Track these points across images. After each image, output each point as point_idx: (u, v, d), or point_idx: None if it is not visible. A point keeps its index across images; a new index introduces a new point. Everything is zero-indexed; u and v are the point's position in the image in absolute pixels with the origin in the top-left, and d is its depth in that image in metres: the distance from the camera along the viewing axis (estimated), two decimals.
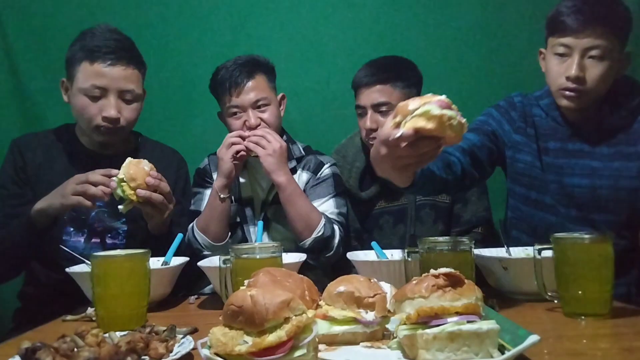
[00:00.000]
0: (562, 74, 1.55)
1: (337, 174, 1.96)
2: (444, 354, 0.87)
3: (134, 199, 1.50)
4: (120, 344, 0.93)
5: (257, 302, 0.86)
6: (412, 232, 1.94)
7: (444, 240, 1.27)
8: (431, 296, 0.90)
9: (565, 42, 1.53)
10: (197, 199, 1.95)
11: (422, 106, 1.02)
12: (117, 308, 1.19)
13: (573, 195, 1.65)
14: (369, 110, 1.86)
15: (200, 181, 2.00)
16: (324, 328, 1.01)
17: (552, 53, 1.58)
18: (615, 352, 0.98)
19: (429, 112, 1.02)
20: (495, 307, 1.26)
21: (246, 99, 1.85)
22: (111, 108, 1.66)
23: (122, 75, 1.68)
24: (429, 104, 1.02)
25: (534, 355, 0.90)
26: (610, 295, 1.17)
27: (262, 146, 1.78)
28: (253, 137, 1.79)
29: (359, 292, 1.04)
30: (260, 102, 1.86)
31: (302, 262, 1.49)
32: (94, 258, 1.21)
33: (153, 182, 1.52)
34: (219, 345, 0.87)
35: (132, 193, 1.50)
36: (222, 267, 1.24)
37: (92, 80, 1.65)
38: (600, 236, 1.20)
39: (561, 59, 1.55)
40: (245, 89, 1.85)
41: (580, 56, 1.51)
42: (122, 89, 1.68)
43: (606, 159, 1.62)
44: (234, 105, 1.86)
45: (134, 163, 1.53)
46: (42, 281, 1.74)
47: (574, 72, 1.51)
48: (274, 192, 1.88)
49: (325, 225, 1.76)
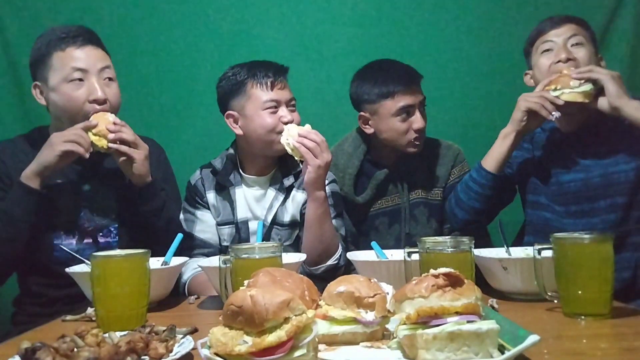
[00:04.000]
0: (554, 61, 1.70)
1: (336, 192, 1.89)
2: (443, 354, 0.87)
3: (99, 144, 1.60)
4: (120, 344, 0.93)
5: (257, 302, 0.86)
6: (407, 230, 1.95)
7: (444, 240, 1.27)
8: (431, 296, 0.89)
9: (548, 37, 1.73)
10: (188, 219, 1.86)
11: (582, 85, 1.59)
12: (117, 308, 1.19)
13: (569, 191, 1.74)
14: (417, 109, 1.90)
15: (191, 200, 1.88)
16: (324, 328, 1.01)
17: (539, 55, 1.75)
18: (615, 352, 0.99)
19: (587, 91, 1.59)
20: (495, 307, 1.26)
21: (283, 94, 1.81)
22: (96, 90, 1.65)
23: (96, 55, 1.69)
24: (585, 83, 1.59)
25: (534, 355, 0.90)
26: (610, 295, 1.17)
27: (316, 155, 1.62)
28: (307, 141, 1.63)
29: (359, 292, 1.03)
30: (293, 102, 1.85)
31: (301, 262, 1.48)
32: (93, 258, 1.21)
33: (114, 128, 1.60)
34: (219, 345, 0.87)
35: (96, 139, 1.60)
36: (222, 267, 1.24)
37: (70, 64, 1.65)
38: (600, 236, 1.19)
39: (548, 53, 1.73)
40: (282, 85, 1.82)
41: (564, 44, 1.71)
42: (101, 67, 1.68)
43: (597, 157, 1.73)
44: (272, 100, 1.79)
45: (100, 114, 1.63)
46: (34, 291, 1.71)
47: (564, 55, 1.69)
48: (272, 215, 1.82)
49: (341, 255, 1.71)
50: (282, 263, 1.27)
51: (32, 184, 1.57)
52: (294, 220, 1.83)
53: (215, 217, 1.86)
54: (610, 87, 1.55)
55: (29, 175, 1.58)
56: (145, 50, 2.43)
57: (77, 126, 1.60)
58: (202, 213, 1.86)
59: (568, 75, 1.62)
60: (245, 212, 1.86)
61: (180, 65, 2.44)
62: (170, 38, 2.44)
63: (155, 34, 2.43)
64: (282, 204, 1.83)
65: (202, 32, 2.44)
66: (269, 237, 1.81)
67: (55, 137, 1.58)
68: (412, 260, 1.28)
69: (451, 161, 1.98)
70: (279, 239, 1.80)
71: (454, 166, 2.00)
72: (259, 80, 1.79)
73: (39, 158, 1.58)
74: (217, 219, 1.85)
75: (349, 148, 2.03)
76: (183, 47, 2.44)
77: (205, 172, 1.90)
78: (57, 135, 1.58)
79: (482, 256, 1.40)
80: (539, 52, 1.76)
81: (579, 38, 1.71)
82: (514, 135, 1.69)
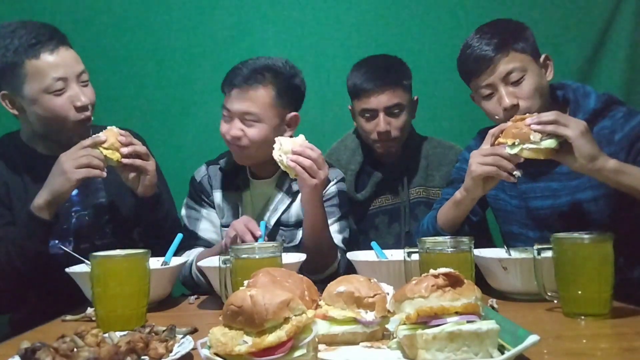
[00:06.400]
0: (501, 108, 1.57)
1: (343, 192, 1.83)
2: (443, 354, 0.87)
3: (113, 158, 1.54)
4: (120, 344, 0.93)
5: (256, 302, 0.86)
6: (407, 229, 1.94)
7: (443, 240, 1.27)
8: (431, 296, 0.90)
9: (481, 82, 1.59)
10: (192, 216, 1.82)
11: (543, 140, 1.35)
12: (116, 308, 1.19)
13: (538, 217, 1.64)
14: (380, 113, 1.87)
15: (196, 197, 1.84)
16: (324, 328, 1.01)
17: (480, 99, 1.62)
18: (615, 352, 0.99)
19: (552, 147, 1.35)
20: (495, 307, 1.26)
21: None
22: (80, 96, 1.59)
23: (70, 57, 1.60)
24: (547, 137, 1.35)
25: (534, 355, 0.90)
26: (610, 295, 1.17)
27: (312, 174, 1.51)
28: (303, 159, 1.50)
29: (358, 292, 1.03)
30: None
31: (301, 262, 1.48)
32: (93, 258, 1.21)
33: (125, 140, 1.56)
34: (219, 345, 0.87)
35: (109, 153, 1.54)
36: (222, 267, 1.24)
37: (51, 74, 1.55)
38: (600, 236, 1.19)
39: (490, 98, 1.59)
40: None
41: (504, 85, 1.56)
42: (79, 71, 1.60)
43: (565, 178, 1.60)
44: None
45: (108, 129, 1.58)
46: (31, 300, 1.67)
47: (508, 101, 1.54)
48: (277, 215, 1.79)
49: (339, 263, 1.69)
50: (282, 263, 1.27)
51: (44, 215, 1.49)
52: (299, 220, 1.78)
53: (220, 217, 1.83)
54: (582, 146, 1.32)
55: (41, 205, 1.49)
56: (145, 50, 2.42)
57: (85, 144, 1.51)
58: (208, 212, 1.82)
59: (526, 126, 1.37)
60: (251, 215, 1.80)
61: (179, 65, 2.43)
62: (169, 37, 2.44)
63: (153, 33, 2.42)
64: (288, 207, 1.80)
65: (201, 32, 2.44)
66: (274, 239, 1.77)
67: (66, 162, 1.49)
68: (412, 260, 1.29)
69: (453, 162, 1.98)
70: (282, 239, 1.78)
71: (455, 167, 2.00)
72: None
73: (52, 187, 1.49)
74: (222, 220, 1.82)
75: (352, 144, 2.03)
76: (182, 46, 2.44)
77: (212, 169, 1.84)
78: (68, 161, 1.49)
79: (482, 256, 1.40)
80: (480, 95, 1.61)
81: (517, 67, 1.54)
82: (467, 202, 1.53)
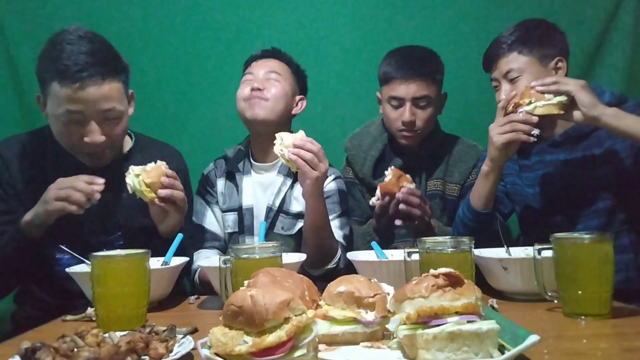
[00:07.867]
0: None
1: (342, 189, 1.86)
2: (444, 354, 0.87)
3: (148, 196, 1.49)
4: (120, 344, 0.93)
5: (257, 302, 0.86)
6: None
7: (444, 240, 1.27)
8: (431, 296, 0.90)
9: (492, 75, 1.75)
10: (199, 210, 1.87)
11: (556, 97, 1.49)
12: (117, 308, 1.19)
13: (553, 202, 1.73)
14: (407, 102, 1.88)
15: (203, 191, 1.91)
16: (324, 328, 1.01)
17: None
18: (615, 352, 0.98)
19: (562, 101, 1.49)
20: (496, 307, 1.26)
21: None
22: (94, 133, 1.51)
23: (98, 95, 1.48)
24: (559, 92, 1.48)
25: (534, 355, 0.90)
26: (610, 295, 1.17)
27: (313, 166, 1.52)
28: (304, 152, 1.52)
29: (359, 292, 1.04)
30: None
31: (301, 262, 1.48)
32: (93, 258, 1.21)
33: (168, 181, 1.49)
34: (219, 345, 0.87)
35: (146, 190, 1.49)
36: (222, 267, 1.24)
37: (65, 105, 1.47)
38: (600, 236, 1.20)
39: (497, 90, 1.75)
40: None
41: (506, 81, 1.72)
42: (102, 109, 1.50)
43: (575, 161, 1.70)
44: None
45: (157, 165, 1.52)
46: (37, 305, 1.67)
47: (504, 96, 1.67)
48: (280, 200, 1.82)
49: (340, 258, 1.70)
50: (282, 263, 1.27)
51: (31, 233, 1.48)
52: (300, 211, 1.81)
53: (222, 204, 1.88)
54: (582, 97, 1.46)
55: (28, 222, 1.48)
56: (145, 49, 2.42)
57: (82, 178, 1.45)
58: (214, 206, 1.87)
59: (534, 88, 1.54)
60: (250, 199, 1.86)
61: (182, 64, 2.44)
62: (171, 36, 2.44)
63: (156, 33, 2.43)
64: (290, 188, 1.83)
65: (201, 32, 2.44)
66: (274, 224, 1.81)
67: (51, 191, 1.45)
68: (412, 260, 1.28)
69: (473, 160, 1.97)
70: (281, 227, 1.81)
71: (475, 166, 1.98)
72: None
73: (35, 210, 1.47)
74: (223, 207, 1.87)
75: (375, 131, 2.05)
76: (184, 45, 2.44)
77: (219, 162, 1.95)
78: (52, 190, 1.45)
79: (482, 256, 1.40)
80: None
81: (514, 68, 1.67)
82: (495, 172, 1.63)
